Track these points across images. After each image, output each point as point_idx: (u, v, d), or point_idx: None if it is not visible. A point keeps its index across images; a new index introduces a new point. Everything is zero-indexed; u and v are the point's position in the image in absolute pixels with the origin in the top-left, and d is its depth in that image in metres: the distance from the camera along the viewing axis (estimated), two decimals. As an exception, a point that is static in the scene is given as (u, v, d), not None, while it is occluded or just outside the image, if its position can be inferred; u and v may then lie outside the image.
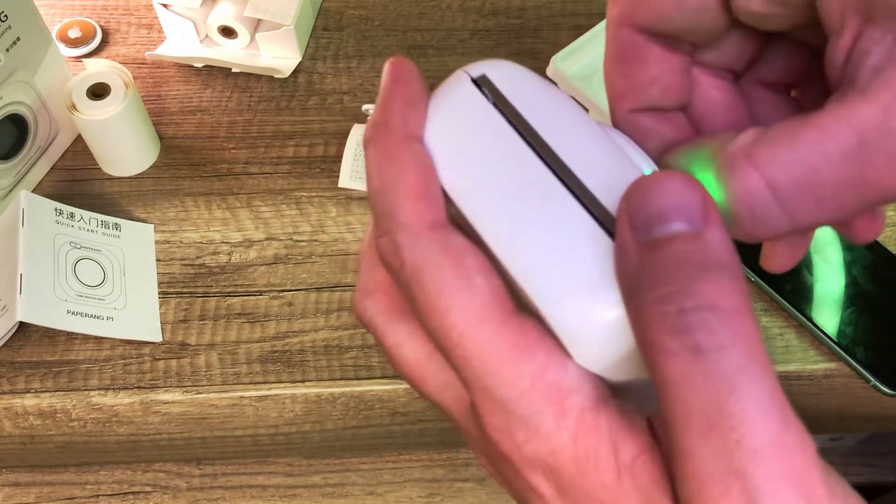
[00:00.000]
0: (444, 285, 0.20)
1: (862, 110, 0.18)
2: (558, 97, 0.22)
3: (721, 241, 0.18)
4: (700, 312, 0.17)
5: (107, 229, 0.50)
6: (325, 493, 0.71)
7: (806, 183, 0.18)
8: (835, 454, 0.80)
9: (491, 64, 0.23)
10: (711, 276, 0.17)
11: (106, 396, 0.46)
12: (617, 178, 0.20)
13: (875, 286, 0.48)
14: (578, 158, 0.21)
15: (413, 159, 0.21)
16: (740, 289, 0.17)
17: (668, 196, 0.18)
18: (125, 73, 0.51)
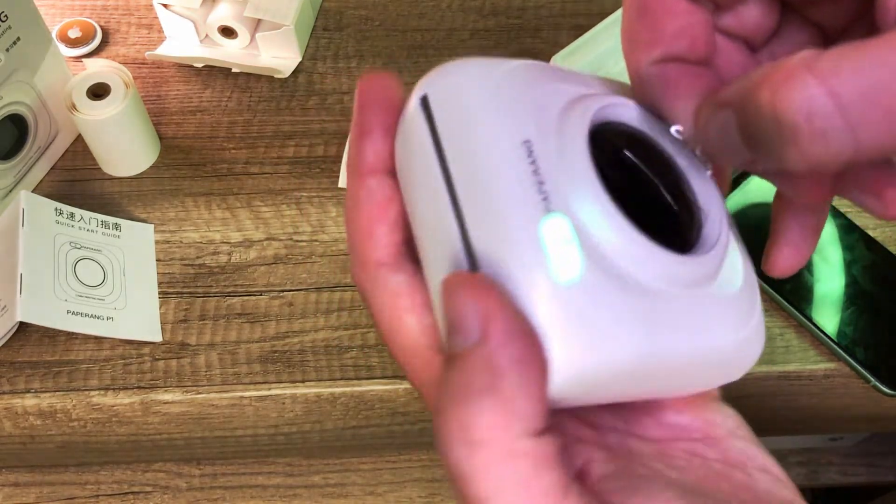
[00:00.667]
0: (382, 322, 0.22)
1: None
2: (485, 124, 0.20)
3: (489, 361, 0.17)
4: (445, 443, 0.18)
5: (107, 229, 0.50)
6: (325, 493, 0.71)
7: (872, 94, 0.16)
8: (835, 454, 0.80)
9: (437, 77, 0.21)
10: (463, 407, 0.17)
11: (106, 396, 0.46)
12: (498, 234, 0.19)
13: (875, 286, 0.48)
14: (474, 214, 0.19)
15: (365, 198, 0.22)
16: (493, 420, 0.17)
17: (453, 307, 0.18)
18: (125, 73, 0.51)
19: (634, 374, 0.19)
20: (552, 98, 0.21)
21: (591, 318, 0.18)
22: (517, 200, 0.19)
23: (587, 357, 0.18)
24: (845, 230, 0.49)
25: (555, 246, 0.18)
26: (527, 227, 0.18)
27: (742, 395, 0.48)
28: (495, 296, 0.18)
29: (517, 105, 0.20)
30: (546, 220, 0.19)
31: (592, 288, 0.18)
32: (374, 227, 0.21)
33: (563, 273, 0.18)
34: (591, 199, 0.19)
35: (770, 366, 0.46)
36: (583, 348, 0.18)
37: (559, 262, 0.18)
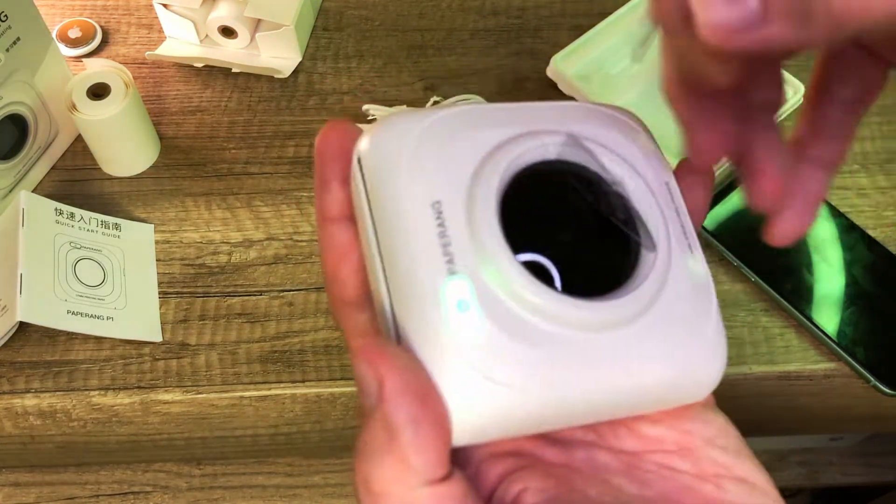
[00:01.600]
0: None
1: None
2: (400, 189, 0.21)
3: (382, 422, 0.19)
4: (358, 493, 0.19)
5: (107, 229, 0.50)
6: (325, 493, 0.71)
7: None
8: (835, 454, 0.80)
9: (369, 137, 0.22)
10: (365, 462, 0.19)
11: (106, 396, 0.46)
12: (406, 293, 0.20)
13: (875, 286, 0.48)
14: (392, 273, 0.20)
15: (327, 243, 0.23)
16: (388, 475, 0.19)
17: (357, 371, 0.20)
18: (125, 73, 0.51)
19: (543, 414, 0.21)
20: (472, 151, 0.22)
21: (487, 373, 0.20)
22: (423, 263, 0.20)
23: (483, 410, 0.20)
24: (845, 230, 0.49)
25: (454, 308, 0.20)
26: (430, 291, 0.20)
27: (742, 395, 0.48)
28: (388, 358, 0.19)
29: (431, 165, 0.21)
30: (448, 281, 0.20)
31: (490, 345, 0.20)
32: (338, 269, 0.23)
33: (461, 333, 0.20)
34: (493, 256, 0.20)
35: (770, 366, 0.46)
36: (478, 403, 0.20)
37: (457, 324, 0.20)
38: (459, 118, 0.22)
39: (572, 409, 0.21)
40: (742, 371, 0.46)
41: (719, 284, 0.49)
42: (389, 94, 0.58)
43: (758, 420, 0.52)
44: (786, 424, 0.53)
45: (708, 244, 0.50)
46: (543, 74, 0.57)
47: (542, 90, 0.57)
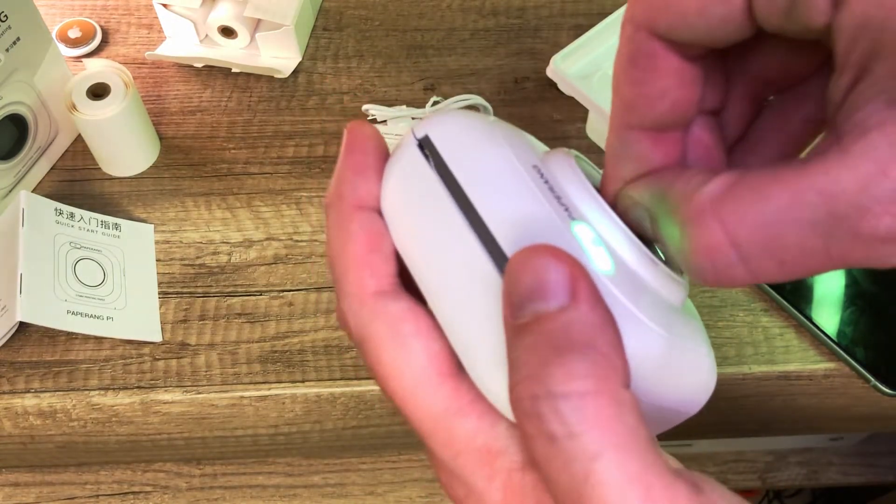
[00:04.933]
0: (382, 353, 0.21)
1: (838, 177, 0.16)
2: (496, 150, 0.21)
3: (582, 319, 0.18)
4: (550, 400, 0.17)
5: (107, 229, 0.50)
6: (325, 493, 0.71)
7: (770, 246, 0.17)
8: (835, 454, 0.80)
9: (435, 121, 0.23)
10: (566, 360, 0.17)
11: (106, 396, 0.46)
12: (533, 238, 0.20)
13: (875, 286, 0.48)
14: (501, 224, 0.20)
15: (359, 229, 0.22)
16: (596, 371, 0.17)
17: (534, 274, 0.18)
18: (125, 73, 0.51)
19: (655, 373, 0.20)
20: (532, 143, 0.23)
21: (632, 307, 0.19)
22: (545, 210, 0.20)
23: (634, 344, 0.19)
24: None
25: (589, 244, 0.20)
26: (560, 231, 0.20)
27: (742, 395, 0.48)
28: (577, 261, 0.18)
29: (517, 140, 0.22)
30: (575, 224, 0.20)
31: (626, 282, 0.20)
32: (370, 255, 0.22)
33: (603, 266, 0.20)
34: (603, 214, 0.21)
35: (770, 366, 0.46)
36: (631, 335, 0.19)
37: (598, 257, 0.20)
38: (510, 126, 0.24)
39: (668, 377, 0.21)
40: (742, 371, 0.46)
41: (719, 284, 0.49)
42: (389, 94, 0.58)
43: (758, 420, 0.52)
44: (786, 424, 0.53)
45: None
46: (543, 74, 0.57)
47: (542, 90, 0.57)
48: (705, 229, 0.18)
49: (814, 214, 0.16)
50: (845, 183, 0.16)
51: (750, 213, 0.17)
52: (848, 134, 0.16)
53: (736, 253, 0.17)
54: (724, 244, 0.17)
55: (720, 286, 0.19)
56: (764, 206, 0.17)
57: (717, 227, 0.17)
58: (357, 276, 0.22)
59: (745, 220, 0.17)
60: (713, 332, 0.47)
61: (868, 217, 0.16)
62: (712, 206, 0.18)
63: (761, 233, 0.17)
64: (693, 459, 0.78)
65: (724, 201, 0.18)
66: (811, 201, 0.16)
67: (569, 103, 0.54)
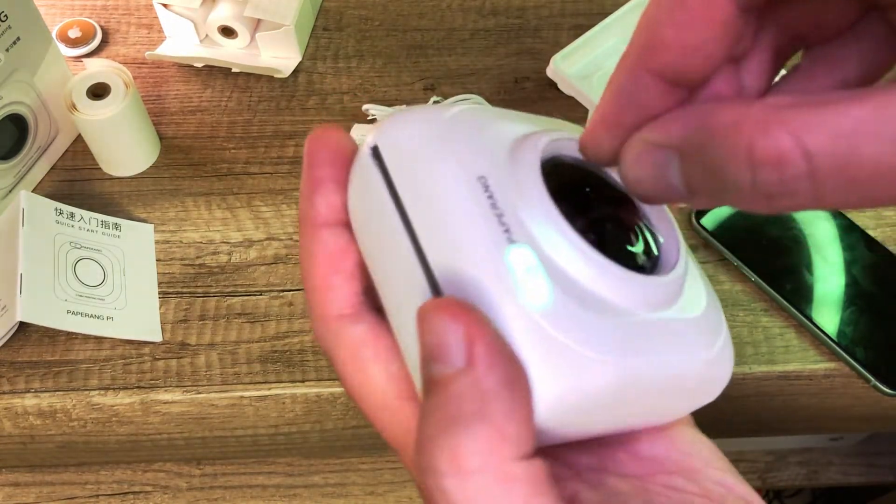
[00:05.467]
0: (347, 376, 0.21)
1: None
2: (440, 164, 0.20)
3: (476, 386, 0.17)
4: (436, 477, 0.17)
5: (107, 229, 0.50)
6: (325, 493, 0.71)
7: (844, 160, 0.15)
8: (835, 454, 0.80)
9: (385, 129, 0.21)
10: (452, 435, 0.17)
11: (106, 396, 0.46)
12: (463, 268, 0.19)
13: (875, 286, 0.48)
14: (436, 252, 0.19)
15: (320, 250, 0.21)
16: (482, 447, 0.17)
17: (432, 335, 0.17)
18: (125, 73, 0.51)
19: (615, 398, 0.19)
20: (499, 136, 0.21)
21: (569, 342, 0.18)
22: (480, 233, 0.19)
23: (569, 381, 0.18)
24: (845, 230, 0.49)
25: (522, 274, 0.18)
26: (493, 258, 0.18)
27: (742, 395, 0.48)
28: (477, 318, 0.17)
29: (467, 144, 0.20)
30: (510, 249, 0.19)
31: (565, 313, 0.18)
32: (331, 278, 0.21)
33: (535, 299, 0.18)
34: (552, 227, 0.19)
35: (770, 366, 0.46)
36: (564, 373, 0.18)
37: (529, 289, 0.18)
38: (478, 113, 0.22)
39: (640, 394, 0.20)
40: (742, 371, 0.46)
41: (719, 284, 0.49)
42: (389, 94, 0.58)
43: (758, 420, 0.52)
44: (786, 424, 0.53)
45: (708, 244, 0.50)
46: (543, 74, 0.57)
47: (542, 90, 0.57)
48: (774, 136, 0.16)
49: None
50: None
51: (824, 121, 0.16)
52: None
53: (807, 164, 0.16)
54: (795, 152, 0.16)
55: (776, 210, 0.17)
56: (841, 117, 0.15)
57: (785, 134, 0.16)
58: (319, 300, 0.22)
59: (821, 129, 0.16)
60: (713, 332, 0.47)
61: None
62: (778, 114, 0.16)
63: (837, 144, 0.15)
64: (693, 459, 0.78)
65: (796, 111, 0.16)
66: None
67: (569, 103, 0.54)
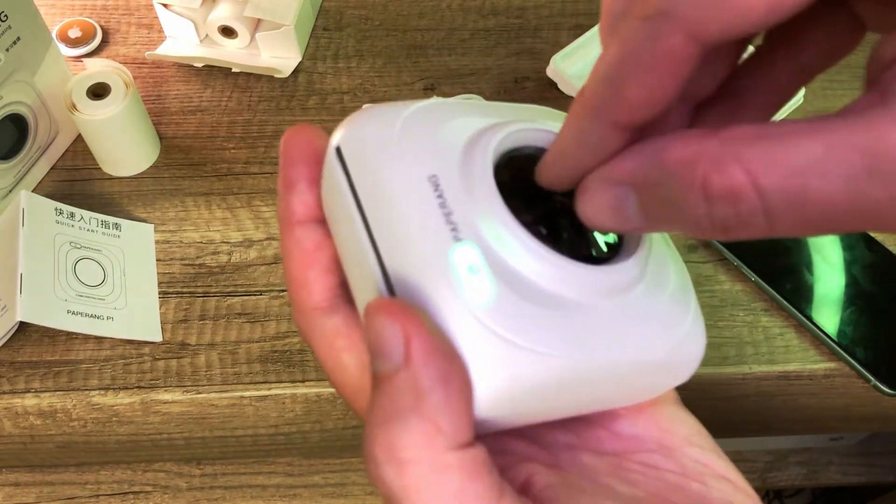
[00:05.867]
0: (325, 366, 0.23)
1: (884, 135, 0.15)
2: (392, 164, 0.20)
3: (411, 381, 0.18)
4: (376, 466, 0.18)
5: (107, 229, 0.50)
6: (325, 493, 0.71)
7: (796, 196, 0.16)
8: (835, 454, 0.80)
9: (345, 129, 0.22)
10: (390, 428, 0.18)
11: (106, 396, 0.46)
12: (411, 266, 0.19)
13: (875, 286, 0.48)
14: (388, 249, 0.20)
15: (295, 247, 0.23)
16: (416, 440, 0.18)
17: (374, 333, 0.18)
18: (125, 72, 0.51)
19: (563, 389, 0.20)
20: (456, 133, 0.22)
21: (510, 336, 0.19)
22: (426, 233, 0.20)
23: (509, 375, 0.19)
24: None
25: (465, 272, 0.19)
26: (437, 258, 0.19)
27: (742, 395, 0.48)
28: (414, 317, 0.18)
29: (421, 144, 0.21)
30: (455, 248, 0.19)
31: (507, 308, 0.19)
32: (306, 273, 0.22)
33: (476, 297, 0.19)
34: (498, 223, 0.20)
35: (770, 366, 0.46)
36: (503, 367, 0.19)
37: (471, 287, 0.19)
38: (439, 108, 0.23)
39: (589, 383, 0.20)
40: (742, 371, 0.46)
41: (719, 284, 0.49)
42: (389, 94, 0.58)
43: (758, 420, 0.52)
44: (786, 424, 0.53)
45: (708, 244, 0.50)
46: (543, 74, 0.57)
47: (542, 90, 0.57)
48: (727, 173, 0.16)
49: (850, 169, 0.15)
50: (892, 142, 0.15)
51: (775, 158, 0.16)
52: (893, 91, 0.16)
53: (759, 199, 0.16)
54: (748, 188, 0.16)
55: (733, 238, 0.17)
56: (792, 154, 0.16)
57: (739, 170, 0.16)
58: (296, 294, 0.23)
59: (773, 165, 0.16)
60: (713, 331, 0.47)
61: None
62: (732, 149, 0.16)
63: (789, 181, 0.16)
64: (693, 459, 0.78)
65: (746, 146, 0.16)
66: (848, 155, 0.15)
67: (569, 103, 0.54)
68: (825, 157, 0.16)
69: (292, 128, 0.23)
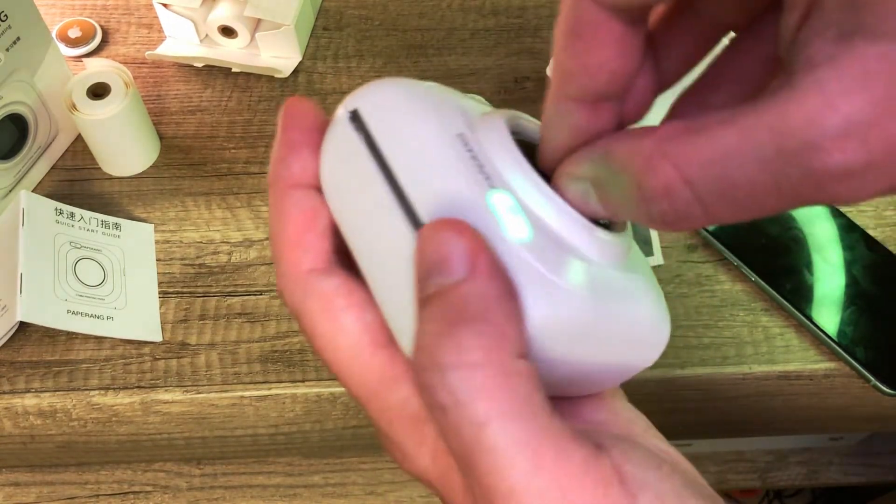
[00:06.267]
0: (317, 326, 0.22)
1: (787, 113, 0.16)
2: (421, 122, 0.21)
3: (478, 292, 0.18)
4: (439, 372, 0.18)
5: (107, 229, 0.50)
6: (325, 493, 0.71)
7: (721, 184, 0.17)
8: (835, 454, 0.80)
9: (364, 93, 0.23)
10: (456, 332, 0.18)
11: (106, 396, 0.46)
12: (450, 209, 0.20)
13: (875, 286, 0.48)
14: (421, 197, 0.20)
15: (293, 209, 0.22)
16: (485, 342, 0.18)
17: (436, 249, 0.19)
18: (125, 72, 0.51)
19: (587, 333, 0.21)
20: (469, 107, 0.23)
21: (549, 274, 0.20)
22: (463, 180, 0.20)
23: (551, 309, 0.20)
24: (846, 230, 0.49)
25: (504, 212, 0.20)
26: (476, 200, 0.20)
27: (742, 395, 0.48)
28: (478, 234, 0.19)
29: (444, 107, 0.22)
30: (492, 193, 0.20)
31: (544, 249, 0.20)
32: (304, 235, 0.22)
33: (518, 234, 0.20)
34: (527, 179, 0.21)
35: (770, 366, 0.46)
36: (547, 300, 0.19)
37: (512, 226, 0.20)
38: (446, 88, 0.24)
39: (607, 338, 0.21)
40: (742, 371, 0.46)
41: (719, 284, 0.49)
42: (389, 94, 0.58)
43: (758, 420, 0.52)
44: (786, 424, 0.53)
45: (708, 244, 0.50)
46: (543, 74, 0.57)
47: (542, 90, 0.57)
48: (658, 172, 0.18)
49: (762, 152, 0.16)
50: (794, 119, 0.16)
51: (698, 150, 0.17)
52: (798, 71, 0.16)
53: (690, 191, 0.17)
54: (677, 183, 0.17)
55: (682, 229, 0.19)
56: (712, 144, 0.17)
57: (668, 167, 0.17)
58: (291, 256, 0.22)
59: (694, 157, 0.17)
60: (713, 331, 0.47)
61: (819, 153, 0.15)
62: (661, 148, 0.18)
63: (711, 170, 0.17)
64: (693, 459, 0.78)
65: (673, 142, 0.17)
66: (759, 138, 0.16)
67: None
68: (740, 144, 0.16)
69: (293, 97, 0.23)
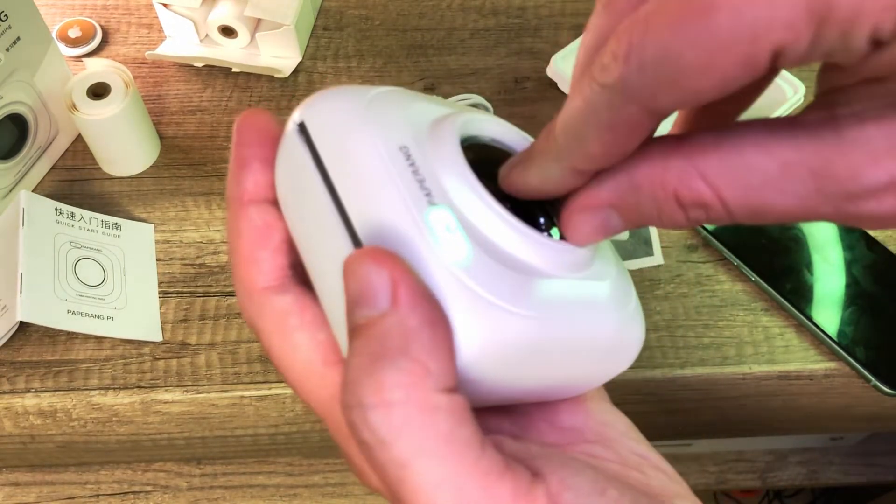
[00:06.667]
0: (272, 345, 0.22)
1: (832, 160, 0.17)
2: (363, 136, 0.21)
3: (399, 325, 0.18)
4: (361, 411, 0.18)
5: (107, 229, 0.50)
6: (325, 493, 0.71)
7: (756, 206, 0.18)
8: (835, 454, 0.80)
9: (310, 105, 0.22)
10: (377, 370, 0.18)
11: (106, 396, 0.46)
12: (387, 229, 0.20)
13: (875, 286, 0.48)
14: (360, 215, 0.20)
15: (247, 226, 0.22)
16: (405, 380, 0.17)
17: (359, 280, 0.18)
18: (125, 72, 0.51)
19: (532, 354, 0.20)
20: (421, 114, 0.23)
21: (488, 296, 0.19)
22: (401, 195, 0.20)
23: (489, 333, 0.19)
24: (846, 230, 0.49)
25: (442, 232, 0.20)
26: (414, 218, 0.19)
27: (742, 395, 0.48)
28: (400, 264, 0.18)
29: (389, 118, 0.22)
30: (431, 210, 0.20)
31: (484, 269, 0.20)
32: (257, 252, 0.22)
33: (453, 255, 0.19)
34: (471, 192, 0.21)
35: (770, 366, 0.46)
36: (484, 325, 0.19)
37: (449, 246, 0.19)
38: (401, 92, 0.23)
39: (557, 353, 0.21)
40: (742, 371, 0.46)
41: (719, 284, 0.49)
42: (389, 94, 0.58)
43: (758, 420, 0.52)
44: (786, 424, 0.53)
45: (708, 244, 0.50)
46: (543, 74, 0.57)
47: (543, 90, 0.57)
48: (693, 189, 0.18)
49: (802, 189, 0.17)
50: (839, 168, 0.17)
51: (735, 174, 0.18)
52: (846, 119, 0.17)
53: (723, 207, 0.18)
54: (712, 199, 0.18)
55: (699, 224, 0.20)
56: (750, 171, 0.18)
57: (702, 185, 0.18)
58: (245, 274, 0.22)
59: (731, 180, 0.18)
60: (713, 331, 0.47)
61: (858, 201, 0.17)
62: (693, 164, 0.18)
63: (749, 196, 0.18)
64: (693, 459, 0.78)
65: (706, 159, 0.18)
66: (800, 175, 0.17)
67: (569, 103, 0.54)
68: (781, 177, 0.17)
69: (247, 111, 0.23)
